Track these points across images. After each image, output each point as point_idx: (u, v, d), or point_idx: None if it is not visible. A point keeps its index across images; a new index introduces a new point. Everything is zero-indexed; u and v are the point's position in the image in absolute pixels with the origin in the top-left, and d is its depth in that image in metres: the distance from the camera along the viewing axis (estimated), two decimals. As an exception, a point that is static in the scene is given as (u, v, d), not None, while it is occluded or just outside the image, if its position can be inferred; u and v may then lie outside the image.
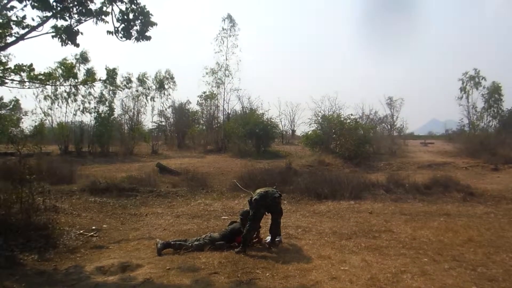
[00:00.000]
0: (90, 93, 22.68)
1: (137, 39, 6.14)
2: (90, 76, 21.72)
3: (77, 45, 6.18)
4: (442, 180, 11.84)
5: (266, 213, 6.36)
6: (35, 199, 6.87)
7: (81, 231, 7.31)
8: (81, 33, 6.08)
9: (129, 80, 24.52)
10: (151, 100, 26.60)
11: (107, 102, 23.33)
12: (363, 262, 5.35)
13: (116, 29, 6.01)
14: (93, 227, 7.71)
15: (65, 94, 22.35)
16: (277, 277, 4.83)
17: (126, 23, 5.96)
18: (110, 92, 23.38)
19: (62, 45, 6.05)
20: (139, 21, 5.98)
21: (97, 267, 5.38)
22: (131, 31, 6.03)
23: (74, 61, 22.13)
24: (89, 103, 22.84)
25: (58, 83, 16.16)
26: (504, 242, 6.37)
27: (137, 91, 26.00)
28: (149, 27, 6.08)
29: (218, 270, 5.14)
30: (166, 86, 27.25)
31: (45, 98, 22.03)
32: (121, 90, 24.25)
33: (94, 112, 23.07)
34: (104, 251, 6.35)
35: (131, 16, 5.94)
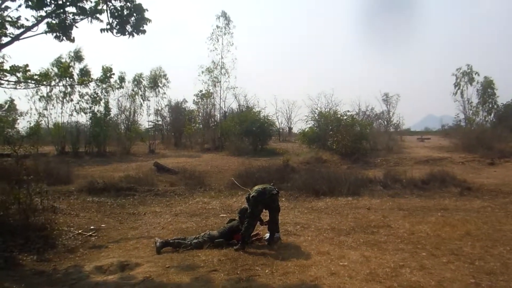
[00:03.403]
0: (86, 93, 22.43)
1: (131, 33, 6.08)
2: (86, 75, 21.59)
3: (73, 40, 6.14)
4: (439, 175, 11.91)
5: (264, 210, 6.38)
6: (33, 200, 6.85)
7: (79, 231, 7.31)
8: (76, 26, 6.04)
9: (122, 79, 24.13)
10: (145, 100, 26.42)
11: (102, 102, 23.09)
12: (362, 257, 5.37)
13: (110, 25, 5.97)
14: (92, 227, 7.71)
15: (61, 94, 22.20)
16: (276, 273, 4.84)
17: (120, 19, 5.92)
18: (103, 91, 23.07)
19: (59, 40, 6.00)
20: (133, 17, 5.94)
21: (96, 267, 5.37)
22: (125, 26, 5.98)
23: (68, 60, 21.99)
24: (87, 103, 22.64)
25: (53, 83, 16.04)
26: (501, 235, 6.42)
27: (133, 90, 25.90)
28: (144, 24, 6.03)
29: (218, 267, 5.15)
30: (160, 84, 26.97)
31: (39, 100, 21.89)
32: (113, 90, 23.84)
33: (89, 113, 22.91)
34: (103, 250, 6.35)
35: (125, 12, 5.90)
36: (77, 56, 22.58)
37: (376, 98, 35.75)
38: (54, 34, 5.96)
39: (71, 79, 18.30)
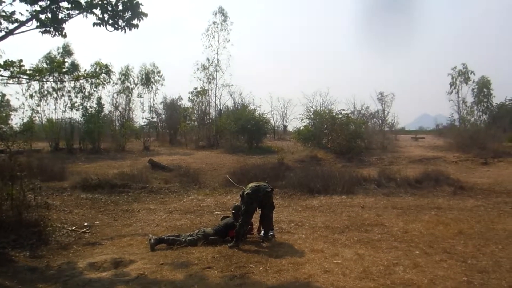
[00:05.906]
0: (79, 88, 22.22)
1: (123, 28, 6.01)
2: (76, 70, 21.31)
3: (65, 36, 6.07)
4: (433, 174, 11.96)
5: (258, 208, 6.38)
6: (26, 196, 6.79)
7: (73, 228, 7.28)
8: (67, 20, 5.96)
9: (108, 70, 23.27)
10: (138, 97, 26.13)
11: (92, 97, 22.74)
12: (356, 255, 5.40)
13: (102, 20, 5.90)
14: (85, 224, 7.68)
15: (53, 88, 21.96)
16: (270, 271, 4.85)
17: (114, 13, 5.85)
18: (93, 85, 22.66)
19: (51, 35, 5.93)
20: (128, 12, 5.87)
21: (90, 263, 5.35)
22: (118, 21, 5.91)
23: (58, 55, 21.85)
24: (77, 97, 22.37)
25: (49, 78, 15.85)
26: (493, 234, 6.47)
27: (127, 88, 25.60)
28: (140, 19, 5.97)
29: (212, 264, 5.15)
30: (152, 80, 26.42)
31: (31, 96, 21.68)
32: (103, 86, 23.29)
33: (82, 109, 22.70)
34: (96, 247, 6.32)
35: (120, 7, 5.83)
36: (66, 51, 22.44)
37: (371, 97, 35.79)
38: (44, 29, 5.89)
39: (65, 75, 18.10)
